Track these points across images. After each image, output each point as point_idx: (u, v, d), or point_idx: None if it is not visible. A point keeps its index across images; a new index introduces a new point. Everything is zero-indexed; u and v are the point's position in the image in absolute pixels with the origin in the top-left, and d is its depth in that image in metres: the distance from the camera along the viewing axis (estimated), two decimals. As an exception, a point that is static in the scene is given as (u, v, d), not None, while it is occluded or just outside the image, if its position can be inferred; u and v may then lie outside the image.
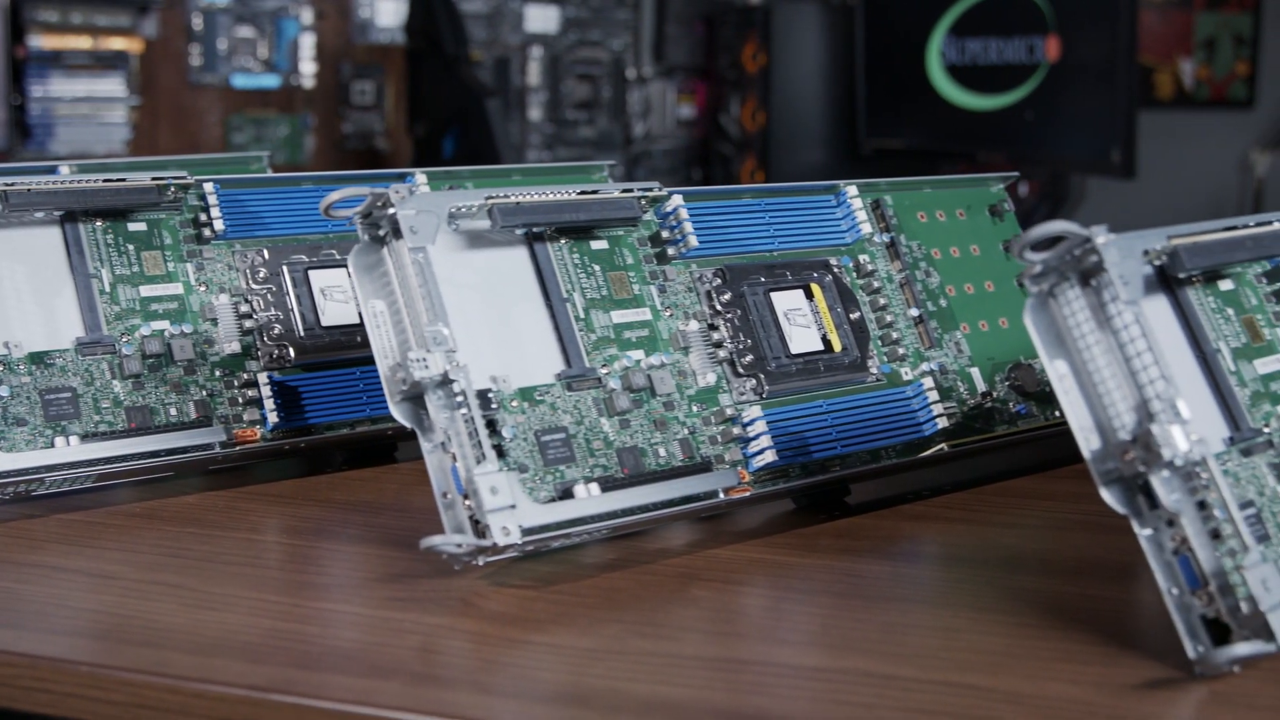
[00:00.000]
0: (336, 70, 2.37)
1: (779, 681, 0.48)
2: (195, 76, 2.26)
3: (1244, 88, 2.84)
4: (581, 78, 2.50)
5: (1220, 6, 2.83)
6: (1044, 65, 2.06)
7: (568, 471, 0.60)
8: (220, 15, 2.26)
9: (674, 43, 2.54)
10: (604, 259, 0.66)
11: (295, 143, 2.33)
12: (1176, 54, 2.84)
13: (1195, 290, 0.57)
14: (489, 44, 2.40)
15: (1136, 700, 0.47)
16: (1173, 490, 0.49)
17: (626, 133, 2.54)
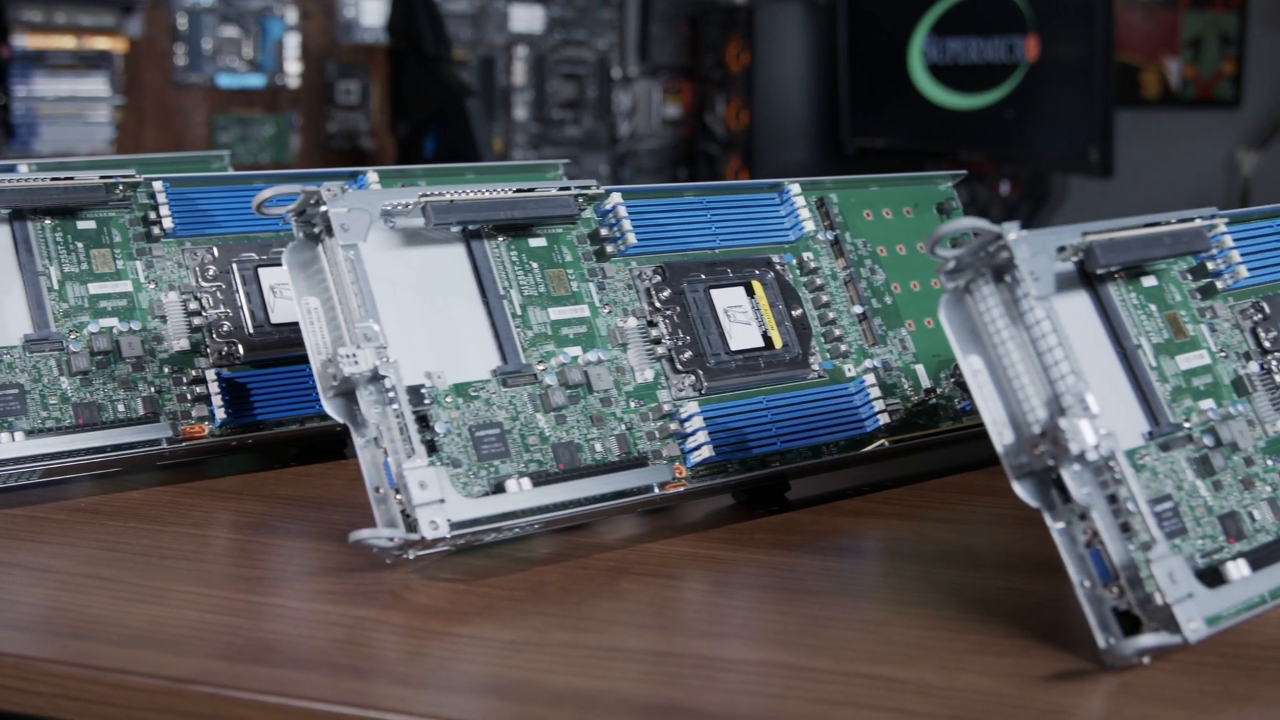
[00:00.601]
0: (321, 70, 2.37)
1: (691, 673, 0.48)
2: (180, 76, 2.27)
3: (1230, 87, 2.85)
4: (567, 77, 2.51)
5: (1206, 6, 2.84)
6: (1023, 65, 2.07)
7: (502, 467, 0.60)
8: (205, 15, 2.27)
9: (659, 42, 2.55)
10: (542, 256, 0.66)
11: (280, 142, 2.34)
12: (1162, 53, 2.84)
13: (1117, 286, 0.57)
14: (474, 44, 2.41)
15: (1045, 691, 0.47)
16: (1083, 484, 0.49)
17: (612, 132, 2.55)
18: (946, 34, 2.19)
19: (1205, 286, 0.60)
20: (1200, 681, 0.48)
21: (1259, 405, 0.59)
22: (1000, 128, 2.10)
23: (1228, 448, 0.56)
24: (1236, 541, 0.54)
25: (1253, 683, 0.48)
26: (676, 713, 0.45)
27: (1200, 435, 0.56)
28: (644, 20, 2.52)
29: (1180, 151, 2.81)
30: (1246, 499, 0.56)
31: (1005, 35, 2.07)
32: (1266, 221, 0.64)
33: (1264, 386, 0.59)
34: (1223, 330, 0.60)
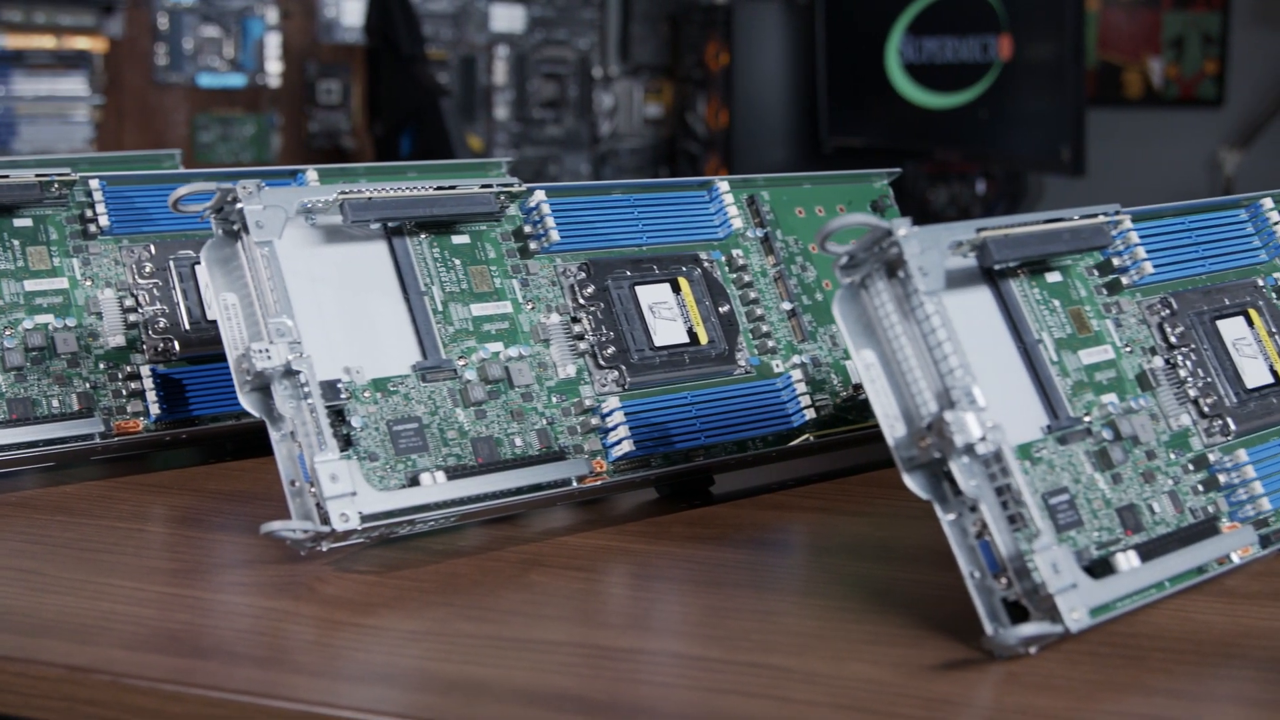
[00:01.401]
0: (302, 69, 2.38)
1: (584, 662, 0.49)
2: (161, 76, 2.28)
3: (1212, 86, 2.85)
4: (548, 77, 2.52)
5: (1188, 5, 2.84)
6: (997, 64, 2.07)
7: (419, 460, 0.61)
8: (185, 15, 2.28)
9: (640, 42, 2.55)
10: (465, 253, 0.67)
11: (261, 142, 2.35)
12: (1145, 53, 2.85)
13: (1020, 282, 0.58)
14: (455, 43, 2.41)
15: (931, 680, 0.48)
16: (971, 476, 0.50)
17: (593, 132, 2.55)
18: (922, 33, 2.20)
19: (1111, 282, 0.61)
20: (1085, 670, 0.49)
21: (1163, 400, 0.60)
22: (975, 126, 2.10)
23: (1129, 441, 0.57)
24: (1135, 534, 0.55)
25: (1136, 671, 0.49)
26: (560, 700, 0.46)
27: (1100, 429, 0.56)
28: (625, 20, 2.53)
29: (1163, 151, 2.82)
30: (1147, 492, 0.57)
31: (979, 35, 2.08)
32: (1177, 218, 0.65)
33: (1168, 381, 0.60)
34: (1129, 325, 0.61)
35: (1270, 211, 0.68)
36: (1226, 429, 0.60)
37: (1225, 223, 0.67)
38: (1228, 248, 0.67)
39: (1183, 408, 0.60)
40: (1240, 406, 0.61)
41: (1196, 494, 0.58)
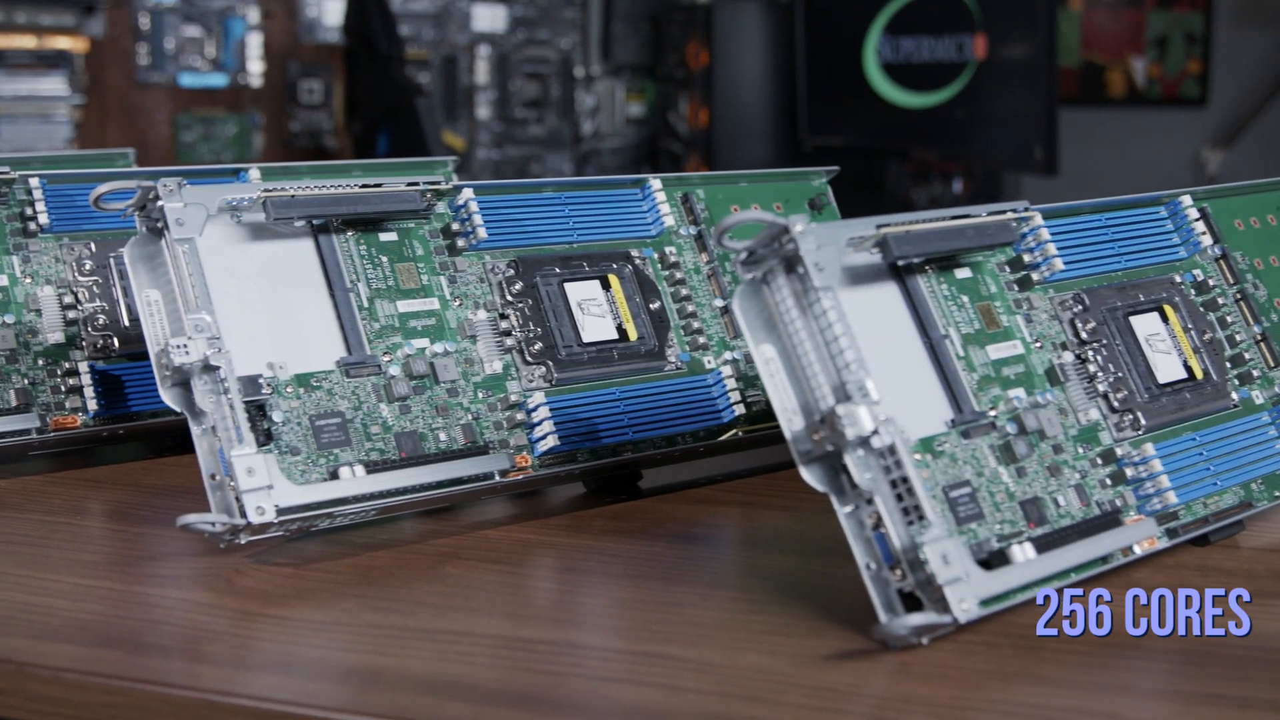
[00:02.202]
0: (284, 69, 2.39)
1: (481, 651, 0.50)
2: (143, 75, 2.28)
3: (1196, 86, 2.86)
4: (530, 76, 2.53)
5: (1172, 5, 2.85)
6: (972, 63, 2.08)
7: (341, 455, 0.62)
8: (167, 14, 2.28)
9: (621, 42, 2.56)
10: (393, 250, 0.68)
11: (243, 141, 2.36)
12: (1128, 52, 2.85)
13: (928, 278, 0.59)
14: (437, 43, 2.42)
15: (822, 670, 0.49)
16: (866, 469, 0.51)
17: (575, 131, 2.56)
18: (900, 33, 2.21)
19: (1022, 279, 0.61)
20: (977, 660, 0.50)
21: (1072, 394, 0.60)
22: (951, 126, 2.11)
23: (1035, 435, 0.58)
24: (1038, 526, 0.56)
25: (1027, 661, 0.50)
26: (450, 688, 0.47)
27: (1005, 423, 0.57)
28: (606, 19, 2.53)
29: (1146, 151, 2.82)
30: (1052, 485, 0.57)
31: (955, 34, 2.09)
32: (1095, 215, 0.66)
33: (1078, 376, 0.61)
34: (1040, 321, 0.61)
35: (1189, 209, 0.69)
36: (1137, 423, 0.61)
37: (1145, 220, 0.68)
38: (1146, 245, 0.67)
39: (1092, 402, 0.61)
40: (1151, 401, 0.62)
41: (1104, 487, 0.59)
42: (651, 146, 2.63)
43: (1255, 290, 0.70)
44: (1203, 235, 0.69)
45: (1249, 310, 0.69)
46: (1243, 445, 0.64)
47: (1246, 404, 0.66)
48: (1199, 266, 0.69)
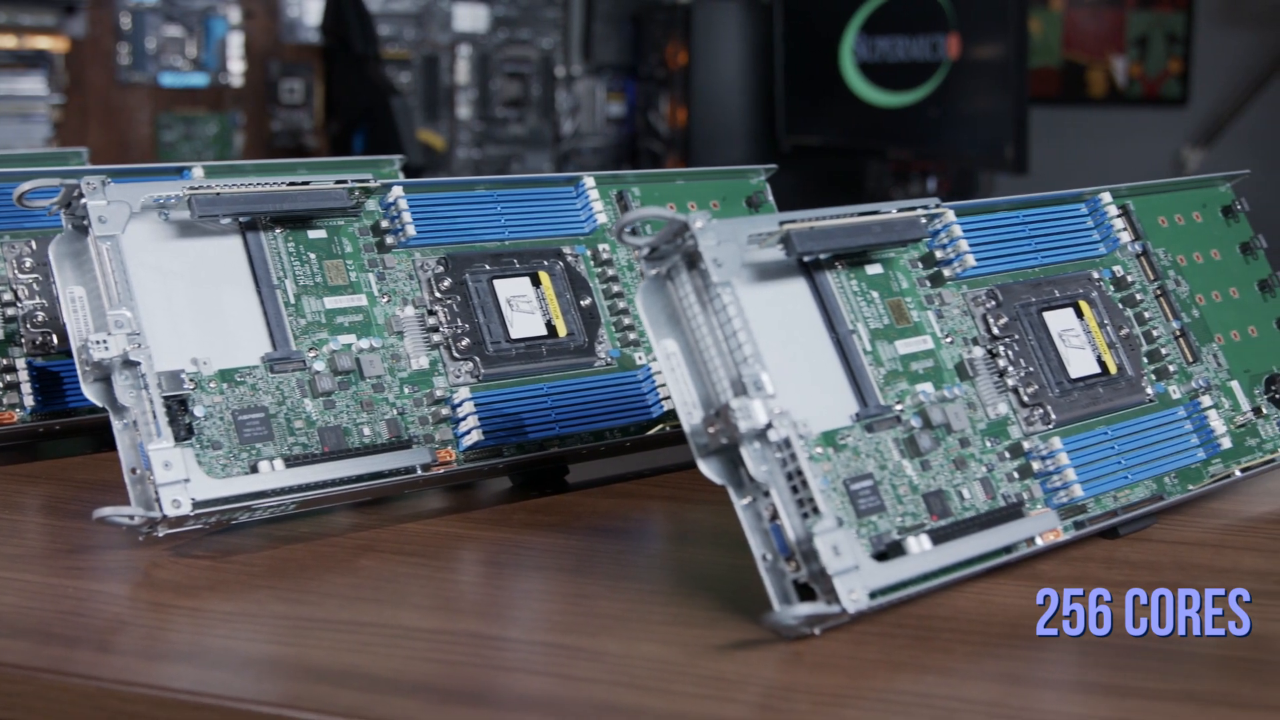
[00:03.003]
0: (265, 69, 2.40)
1: (384, 641, 0.51)
2: (124, 75, 2.29)
3: (1177, 86, 2.86)
4: (511, 76, 2.53)
5: (1153, 5, 2.85)
6: (946, 63, 2.09)
7: (264, 449, 0.63)
8: (148, 14, 2.29)
9: (602, 41, 2.57)
10: (321, 247, 0.68)
11: (224, 141, 2.37)
12: (1109, 52, 2.86)
13: (837, 274, 0.59)
14: (418, 43, 2.43)
15: (714, 659, 0.49)
16: (763, 462, 0.51)
17: (556, 130, 2.57)
18: (875, 32, 2.21)
19: (934, 274, 0.62)
20: (869, 650, 0.50)
21: (982, 389, 0.61)
22: (925, 125, 2.12)
23: (941, 429, 0.58)
24: (941, 519, 0.56)
25: (918, 651, 0.50)
26: (343, 676, 0.47)
27: (910, 417, 0.58)
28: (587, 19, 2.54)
29: (1126, 150, 2.83)
30: (958, 478, 0.58)
31: (929, 34, 2.09)
32: (1013, 212, 0.66)
33: (988, 371, 0.61)
34: (952, 317, 0.62)
35: (1109, 206, 0.69)
36: (1047, 418, 0.62)
37: (1064, 217, 0.69)
38: (1065, 241, 0.68)
39: (1001, 397, 0.61)
40: (1062, 396, 0.63)
41: (1011, 481, 0.60)
42: (632, 146, 2.64)
43: (1177, 287, 0.71)
44: (1122, 232, 0.69)
45: (1169, 306, 0.70)
46: (1157, 439, 0.65)
47: (1163, 398, 0.67)
48: (1119, 263, 0.69)
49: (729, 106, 2.48)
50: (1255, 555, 0.61)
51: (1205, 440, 0.67)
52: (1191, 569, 0.59)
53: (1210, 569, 0.60)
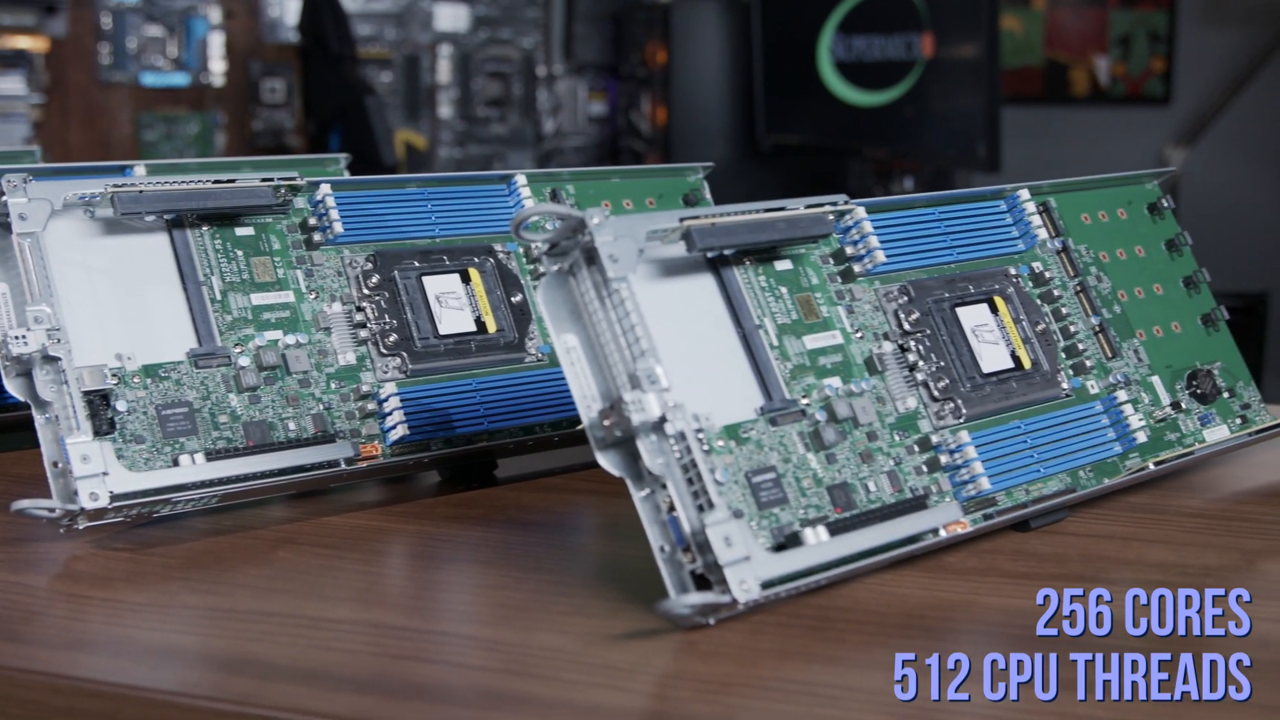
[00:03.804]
0: (246, 68, 2.41)
1: (281, 631, 0.51)
2: (105, 75, 2.30)
3: (1159, 84, 2.87)
4: (492, 75, 2.54)
5: (1135, 4, 2.86)
6: (921, 62, 2.09)
7: (188, 443, 0.63)
8: (129, 14, 2.30)
9: (583, 41, 2.58)
10: (248, 244, 0.69)
11: (206, 140, 2.38)
12: (1092, 51, 2.87)
13: (745, 270, 0.60)
14: (399, 43, 2.44)
15: (607, 648, 0.50)
16: (659, 455, 0.52)
17: (537, 130, 2.58)
18: (852, 32, 2.22)
19: (844, 270, 0.63)
20: (764, 640, 0.51)
21: (891, 383, 0.62)
22: (900, 124, 2.12)
23: (848, 423, 0.59)
24: (845, 511, 0.57)
25: (810, 641, 0.51)
26: (244, 665, 0.48)
27: (815, 411, 0.59)
28: (568, 19, 2.55)
29: (1109, 148, 2.84)
30: (864, 471, 0.59)
31: (904, 33, 2.10)
32: (929, 209, 0.67)
33: (898, 365, 0.62)
34: (863, 312, 0.63)
35: (1027, 203, 0.70)
36: (958, 412, 0.62)
37: (982, 213, 0.69)
38: (983, 237, 0.69)
39: (911, 391, 0.62)
40: (974, 390, 0.63)
41: (919, 474, 0.60)
42: (613, 145, 2.65)
43: (1098, 283, 0.72)
44: (1040, 229, 0.70)
45: (1089, 302, 0.70)
46: (1072, 434, 0.66)
47: (1080, 393, 0.68)
48: (1039, 259, 0.70)
49: (708, 106, 2.49)
50: (1163, 548, 0.62)
51: (1121, 435, 0.67)
52: (1097, 561, 0.60)
53: (1116, 561, 0.60)
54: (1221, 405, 0.74)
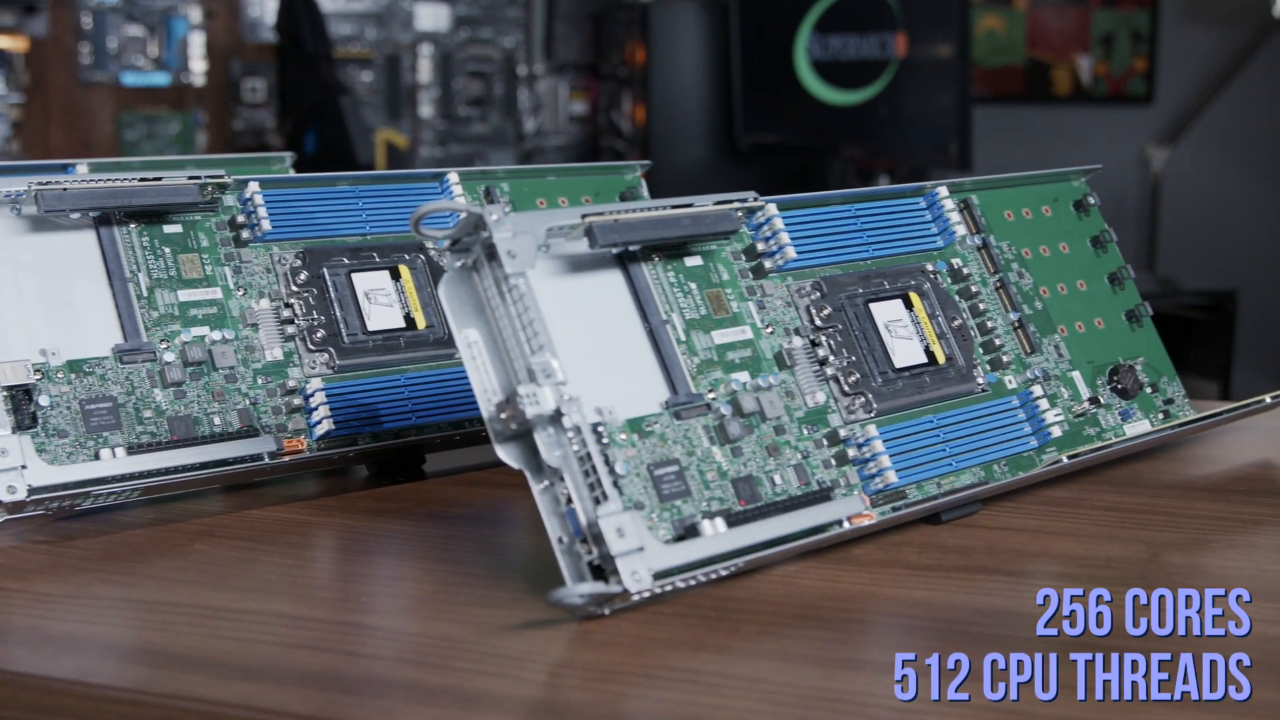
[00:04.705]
0: (227, 68, 2.42)
1: (183, 620, 0.52)
2: (85, 75, 2.31)
3: (1142, 84, 2.88)
4: (473, 75, 2.55)
5: (1118, 3, 2.87)
6: (894, 61, 2.10)
7: (111, 437, 0.64)
8: (110, 14, 2.31)
9: (564, 40, 2.59)
10: (176, 242, 0.70)
11: (187, 140, 2.39)
12: (1074, 50, 2.87)
13: (653, 266, 0.61)
14: (380, 42, 2.45)
15: (502, 637, 0.51)
16: (555, 448, 0.53)
17: (518, 129, 2.59)
18: (828, 31, 2.23)
19: (755, 267, 0.64)
20: (658, 630, 0.52)
21: (801, 378, 0.63)
22: (875, 123, 2.13)
23: (755, 417, 0.60)
24: (749, 503, 0.58)
25: (702, 631, 0.52)
26: (142, 654, 0.49)
27: (721, 405, 0.59)
28: (549, 18, 2.56)
29: (1092, 148, 2.84)
30: (770, 464, 0.60)
31: (878, 32, 2.11)
32: (844, 205, 0.68)
33: (808, 360, 0.63)
34: (774, 308, 0.64)
35: (945, 200, 0.71)
36: (869, 406, 0.63)
37: (900, 210, 0.70)
38: (901, 234, 0.70)
39: (821, 385, 0.63)
40: (885, 385, 0.64)
41: (827, 468, 0.61)
42: (594, 144, 2.66)
43: (1020, 279, 0.73)
44: (958, 225, 0.71)
45: (1008, 298, 0.71)
46: (986, 428, 0.67)
47: (996, 387, 0.68)
48: (958, 255, 0.71)
49: (687, 105, 2.50)
50: (1070, 540, 0.63)
51: (1037, 429, 0.68)
52: (1003, 554, 0.61)
53: (1022, 553, 0.61)
54: (1144, 400, 0.74)
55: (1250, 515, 0.66)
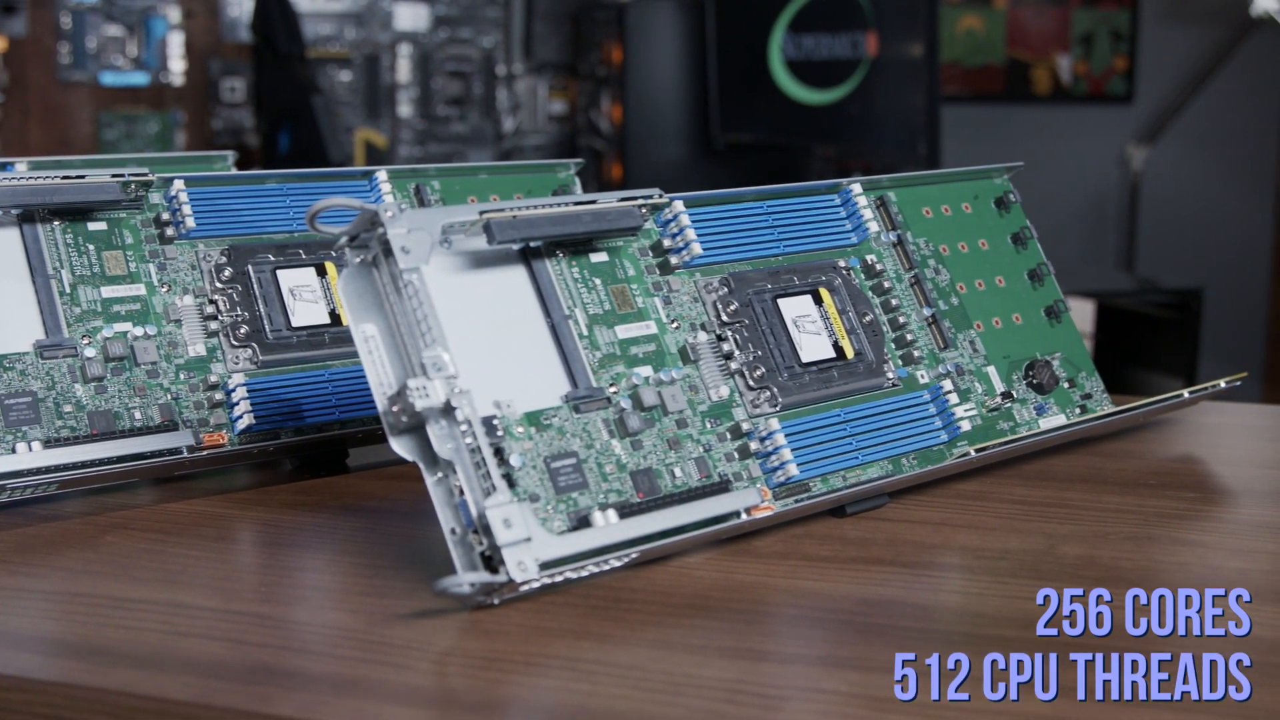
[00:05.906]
0: (205, 68, 2.43)
1: (82, 610, 0.53)
2: (64, 74, 2.32)
3: (1122, 83, 2.88)
4: (452, 74, 2.56)
5: (1098, 2, 2.87)
6: (865, 61, 2.11)
7: (30, 432, 0.65)
8: (89, 14, 2.32)
9: (542, 40, 2.60)
10: (100, 239, 0.71)
11: (166, 139, 2.39)
12: (1054, 50, 2.88)
13: (558, 262, 0.62)
14: (359, 42, 2.45)
15: (392, 627, 0.52)
16: (447, 440, 0.54)
17: (497, 128, 2.59)
18: (802, 30, 2.24)
19: (661, 263, 0.65)
20: (546, 620, 0.53)
21: (706, 372, 0.63)
22: (847, 121, 2.14)
23: (657, 410, 0.61)
24: (647, 495, 0.59)
25: (589, 620, 0.53)
26: (32, 642, 0.50)
27: (621, 398, 0.60)
28: (528, 18, 2.57)
29: (1072, 147, 2.85)
30: (671, 457, 0.60)
31: (850, 32, 2.12)
32: (756, 202, 0.69)
33: (713, 354, 0.64)
34: (681, 303, 0.65)
35: (859, 197, 0.72)
36: (774, 400, 0.64)
37: (813, 207, 0.71)
38: (813, 230, 0.70)
39: (726, 380, 0.64)
40: (792, 379, 0.65)
41: (730, 461, 0.62)
42: (573, 144, 2.67)
43: (936, 275, 0.73)
44: (871, 222, 0.72)
45: (923, 294, 0.72)
46: (895, 422, 0.68)
47: (908, 382, 0.69)
48: (872, 251, 0.72)
49: (664, 105, 2.51)
50: (970, 533, 0.64)
51: (948, 423, 0.69)
52: (902, 545, 0.62)
53: (920, 545, 0.62)
54: (1060, 395, 0.75)
55: (1154, 509, 0.67)
